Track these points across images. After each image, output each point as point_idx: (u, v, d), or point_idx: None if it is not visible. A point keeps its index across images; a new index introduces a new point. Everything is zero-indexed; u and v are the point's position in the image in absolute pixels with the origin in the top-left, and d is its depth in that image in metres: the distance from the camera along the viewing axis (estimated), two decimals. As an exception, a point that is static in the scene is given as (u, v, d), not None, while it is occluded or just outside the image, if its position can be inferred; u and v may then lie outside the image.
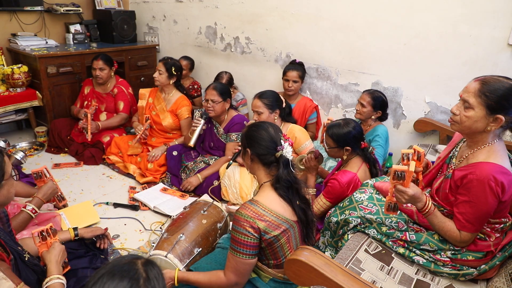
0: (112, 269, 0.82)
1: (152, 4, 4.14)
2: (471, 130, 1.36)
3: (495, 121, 1.31)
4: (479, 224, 1.37)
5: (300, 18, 2.98)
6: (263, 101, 2.35)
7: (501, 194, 1.31)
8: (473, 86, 1.33)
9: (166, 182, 2.82)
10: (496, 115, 1.29)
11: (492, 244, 1.43)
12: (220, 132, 2.76)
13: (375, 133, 2.42)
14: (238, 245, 1.29)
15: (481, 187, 1.31)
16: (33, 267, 1.30)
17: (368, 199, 1.70)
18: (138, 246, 2.12)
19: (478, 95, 1.30)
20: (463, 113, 1.35)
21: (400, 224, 1.56)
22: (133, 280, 0.81)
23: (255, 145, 1.39)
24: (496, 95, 1.27)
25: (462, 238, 1.39)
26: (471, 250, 1.44)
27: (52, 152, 3.25)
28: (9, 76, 3.16)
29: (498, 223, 1.42)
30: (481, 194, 1.31)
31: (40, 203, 1.81)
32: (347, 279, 1.14)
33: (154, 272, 0.86)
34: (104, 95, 3.30)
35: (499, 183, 1.29)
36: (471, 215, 1.35)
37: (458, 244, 1.43)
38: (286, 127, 2.44)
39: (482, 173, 1.31)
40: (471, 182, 1.33)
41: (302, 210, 1.40)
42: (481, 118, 1.31)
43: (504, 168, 1.31)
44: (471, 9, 2.20)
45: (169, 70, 2.94)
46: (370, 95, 2.43)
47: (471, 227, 1.37)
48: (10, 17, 3.49)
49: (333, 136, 1.95)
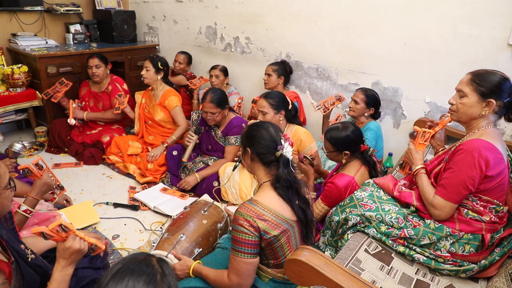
0: (129, 265, 0.85)
1: (152, 4, 4.14)
2: (467, 115, 1.50)
3: (488, 105, 1.45)
4: (453, 192, 1.45)
5: (300, 18, 2.98)
6: (268, 101, 2.32)
7: (484, 167, 1.39)
8: (465, 77, 1.51)
9: (166, 182, 2.82)
10: (488, 99, 1.43)
11: (484, 226, 1.45)
12: (218, 135, 2.76)
13: (366, 128, 2.44)
14: (239, 245, 1.29)
15: (465, 156, 1.43)
16: (36, 268, 1.27)
17: (369, 197, 1.70)
18: (138, 246, 2.12)
19: (470, 83, 1.47)
20: (459, 101, 1.51)
21: (400, 219, 1.56)
22: (151, 275, 0.84)
23: (255, 144, 1.39)
24: (486, 81, 1.44)
25: (434, 201, 1.49)
26: (466, 231, 1.47)
27: (52, 152, 3.26)
28: (9, 76, 3.16)
29: (490, 203, 1.45)
30: (462, 163, 1.43)
31: (34, 202, 1.72)
32: (347, 279, 1.14)
33: (168, 268, 0.89)
34: (100, 93, 3.33)
35: (483, 156, 1.39)
36: (447, 180, 1.47)
37: (432, 211, 1.51)
38: (291, 128, 2.41)
39: (470, 146, 1.43)
40: (459, 153, 1.45)
41: (301, 210, 1.40)
42: (474, 103, 1.46)
43: (492, 145, 1.41)
44: (471, 9, 2.20)
45: (156, 65, 2.99)
46: (363, 92, 2.45)
47: (445, 192, 1.47)
48: (10, 17, 3.49)
49: (331, 140, 1.93)
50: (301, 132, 2.39)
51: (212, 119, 2.62)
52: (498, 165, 1.41)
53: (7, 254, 1.19)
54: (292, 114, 2.43)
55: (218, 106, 2.57)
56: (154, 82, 3.06)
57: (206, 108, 2.58)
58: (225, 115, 2.68)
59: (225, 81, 3.39)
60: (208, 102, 2.56)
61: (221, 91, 2.67)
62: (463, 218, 1.48)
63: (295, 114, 2.49)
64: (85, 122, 3.31)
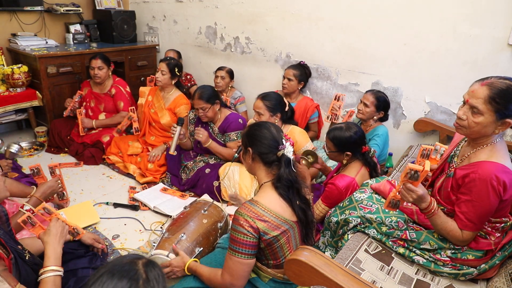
0: (112, 269, 0.82)
1: (152, 4, 4.14)
2: (480, 134, 1.36)
3: (503, 125, 1.31)
4: (480, 223, 1.38)
5: (300, 18, 2.98)
6: (265, 103, 2.33)
7: (503, 193, 1.31)
8: (481, 91, 1.29)
9: (166, 182, 2.82)
10: (505, 119, 1.29)
11: (493, 243, 1.43)
12: (215, 131, 2.76)
13: (375, 133, 2.42)
14: (236, 245, 1.29)
15: (483, 186, 1.31)
16: (33, 267, 1.29)
17: (368, 199, 1.70)
18: (138, 246, 2.12)
19: (488, 102, 1.28)
20: (472, 119, 1.33)
21: (400, 223, 1.56)
22: (132, 280, 0.80)
23: (257, 144, 1.39)
24: (506, 100, 1.26)
25: (464, 237, 1.39)
26: (472, 248, 1.44)
27: (52, 152, 3.25)
28: (9, 76, 3.16)
29: (499, 222, 1.42)
30: (483, 193, 1.32)
31: (37, 202, 1.76)
32: (347, 279, 1.14)
33: (154, 273, 0.85)
34: (102, 95, 3.31)
35: (501, 182, 1.29)
36: (473, 214, 1.35)
37: (459, 243, 1.43)
38: (286, 129, 2.43)
39: (484, 172, 1.31)
40: (473, 181, 1.34)
41: (302, 210, 1.39)
42: (490, 124, 1.31)
43: (506, 167, 1.32)
44: (471, 9, 2.20)
45: (172, 70, 2.95)
46: (373, 95, 2.40)
47: (473, 226, 1.37)
48: (10, 17, 3.49)
49: (334, 140, 1.92)
50: (296, 132, 2.39)
51: (203, 115, 2.62)
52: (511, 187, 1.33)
53: (7, 251, 1.21)
54: (288, 115, 2.43)
55: (207, 101, 2.57)
56: (168, 86, 3.04)
57: (196, 104, 2.60)
58: (216, 110, 2.68)
59: (230, 83, 3.37)
60: (197, 98, 2.57)
61: (210, 87, 2.66)
62: None
63: (291, 116, 2.50)
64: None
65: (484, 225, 1.41)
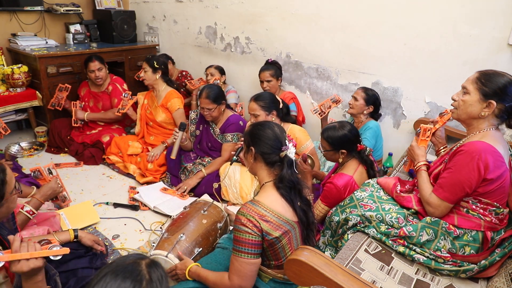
0: (116, 269, 0.82)
1: (152, 4, 4.14)
2: (467, 113, 1.48)
3: (488, 107, 1.42)
4: (450, 192, 1.44)
5: (300, 18, 2.98)
6: (258, 103, 2.33)
7: (483, 170, 1.37)
8: (473, 75, 1.48)
9: (166, 182, 2.82)
10: (489, 100, 1.40)
11: (483, 223, 1.44)
12: (216, 132, 2.76)
13: (365, 127, 2.45)
14: (241, 245, 1.28)
15: (466, 158, 1.40)
16: None
17: (369, 197, 1.71)
18: (138, 246, 2.12)
19: (475, 82, 1.45)
20: (460, 98, 1.50)
21: (400, 219, 1.56)
22: (136, 281, 0.80)
23: (260, 144, 1.39)
24: (491, 82, 1.41)
25: (430, 200, 1.49)
26: (464, 226, 1.46)
27: (52, 152, 3.26)
28: (9, 76, 3.16)
29: (490, 205, 1.44)
30: (461, 163, 1.41)
31: (38, 204, 1.76)
32: (347, 279, 1.14)
33: (157, 273, 0.85)
34: (100, 93, 3.33)
35: (483, 159, 1.37)
36: (445, 180, 1.46)
37: (427, 208, 1.51)
38: (286, 127, 2.43)
39: (472, 148, 1.40)
40: (460, 154, 1.44)
41: (303, 211, 1.39)
42: (475, 102, 1.44)
43: (494, 148, 1.38)
44: (471, 9, 2.20)
45: (152, 65, 2.99)
46: (363, 90, 2.48)
47: (442, 192, 1.46)
48: (10, 17, 3.49)
49: (328, 139, 1.95)
50: (296, 130, 2.40)
51: (209, 114, 2.64)
52: (498, 168, 1.38)
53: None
54: (284, 112, 2.44)
55: (214, 101, 2.59)
56: (154, 82, 3.05)
57: (203, 104, 2.61)
58: (222, 111, 2.69)
59: (221, 79, 3.39)
60: (204, 98, 2.59)
61: (217, 87, 2.69)
62: (462, 213, 1.48)
63: (287, 112, 2.50)
64: (85, 122, 3.31)
65: (455, 198, 1.45)
